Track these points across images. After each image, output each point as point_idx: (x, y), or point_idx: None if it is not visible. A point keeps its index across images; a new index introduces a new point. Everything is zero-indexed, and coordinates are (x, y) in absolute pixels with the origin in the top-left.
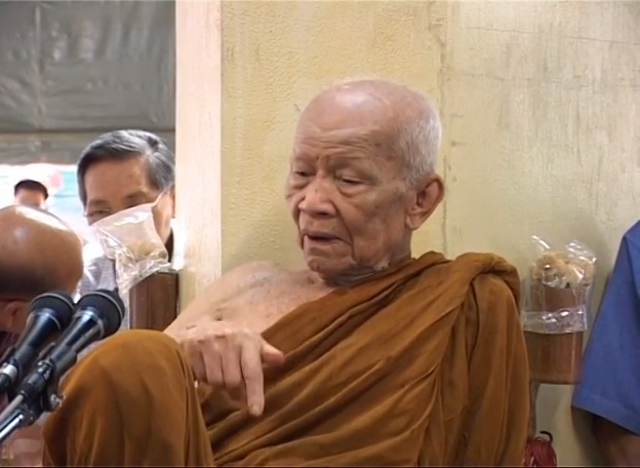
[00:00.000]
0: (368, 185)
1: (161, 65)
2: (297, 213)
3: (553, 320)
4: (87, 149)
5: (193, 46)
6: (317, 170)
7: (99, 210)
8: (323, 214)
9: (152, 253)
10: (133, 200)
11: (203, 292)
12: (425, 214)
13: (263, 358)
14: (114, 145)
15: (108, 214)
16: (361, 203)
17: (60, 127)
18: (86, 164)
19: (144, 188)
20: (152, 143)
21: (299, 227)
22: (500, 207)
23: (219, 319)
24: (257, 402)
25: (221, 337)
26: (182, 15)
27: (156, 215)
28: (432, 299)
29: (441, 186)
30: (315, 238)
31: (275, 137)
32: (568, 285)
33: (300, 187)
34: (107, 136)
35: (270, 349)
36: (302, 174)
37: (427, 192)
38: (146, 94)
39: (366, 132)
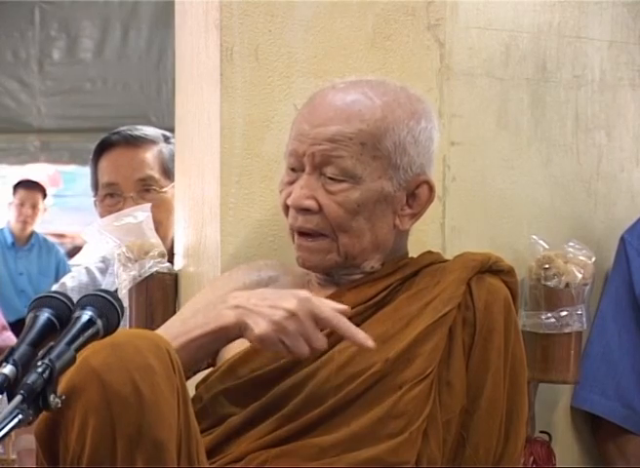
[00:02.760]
0: (351, 184)
1: (160, 65)
2: (286, 208)
3: (552, 319)
4: (102, 137)
5: (192, 46)
6: (305, 166)
7: (110, 192)
8: (307, 211)
9: (151, 253)
10: (144, 184)
11: (208, 287)
12: (416, 216)
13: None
14: (129, 132)
15: (119, 197)
16: (343, 201)
17: (59, 127)
18: (101, 150)
19: (156, 174)
20: (165, 138)
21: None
22: (498, 206)
23: None
24: (363, 337)
25: (291, 316)
26: (181, 15)
27: (166, 203)
28: (429, 300)
29: (431, 188)
30: (302, 234)
31: (274, 137)
32: (567, 284)
33: (291, 183)
34: (123, 127)
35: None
36: (293, 170)
37: (417, 194)
38: (145, 94)
39: (352, 130)
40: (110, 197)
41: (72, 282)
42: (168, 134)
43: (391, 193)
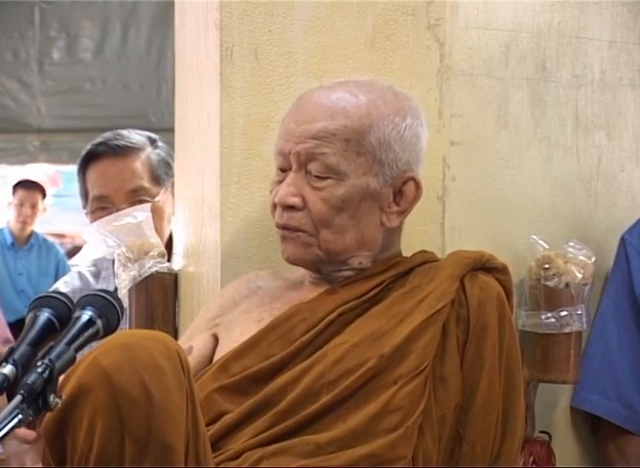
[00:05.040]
0: (335, 180)
1: (160, 65)
2: (274, 207)
3: (552, 319)
4: (88, 147)
5: (192, 46)
6: (292, 165)
7: (101, 206)
8: (292, 208)
9: (151, 253)
10: (136, 195)
11: (201, 310)
12: (403, 214)
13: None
14: (116, 142)
15: (111, 209)
16: (328, 197)
17: (58, 127)
18: (88, 161)
19: (147, 183)
20: (152, 141)
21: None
22: (498, 206)
23: (214, 334)
24: None
25: None
26: (181, 14)
27: (158, 211)
28: (423, 297)
29: (418, 185)
30: (284, 229)
31: (274, 137)
32: (567, 284)
33: (280, 182)
34: (108, 134)
35: None
36: (282, 169)
37: (404, 191)
38: (145, 94)
39: (335, 126)
40: (102, 210)
41: (66, 287)
42: (154, 136)
43: (377, 190)
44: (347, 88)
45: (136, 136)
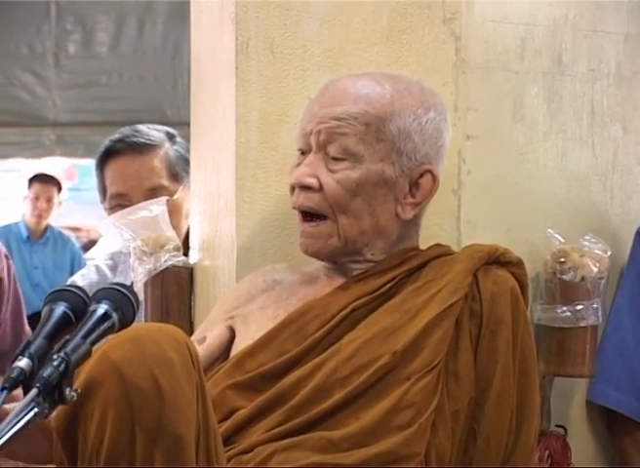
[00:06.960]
0: (352, 163)
1: (176, 59)
2: (292, 190)
3: (568, 313)
4: (106, 143)
5: (208, 39)
6: (312, 146)
7: (119, 203)
8: (308, 189)
9: (167, 247)
10: (154, 193)
11: (218, 302)
12: (418, 206)
13: None
14: (134, 139)
15: (129, 207)
16: (342, 179)
17: (74, 120)
18: (106, 158)
19: (165, 181)
20: (170, 137)
21: None
22: (514, 200)
23: (230, 326)
24: None
25: None
26: (197, 8)
27: (177, 208)
28: (436, 291)
29: (435, 179)
30: (305, 218)
31: (289, 131)
32: (582, 278)
33: (299, 165)
34: (126, 130)
35: None
36: (303, 152)
37: (420, 183)
38: (161, 87)
39: (357, 110)
40: (120, 207)
41: (83, 280)
42: (172, 131)
43: (392, 178)
44: (375, 77)
45: (154, 133)
